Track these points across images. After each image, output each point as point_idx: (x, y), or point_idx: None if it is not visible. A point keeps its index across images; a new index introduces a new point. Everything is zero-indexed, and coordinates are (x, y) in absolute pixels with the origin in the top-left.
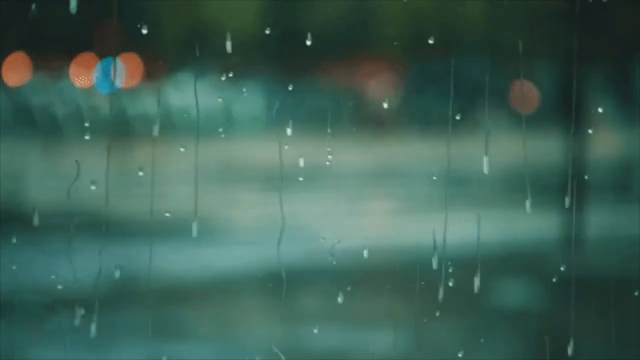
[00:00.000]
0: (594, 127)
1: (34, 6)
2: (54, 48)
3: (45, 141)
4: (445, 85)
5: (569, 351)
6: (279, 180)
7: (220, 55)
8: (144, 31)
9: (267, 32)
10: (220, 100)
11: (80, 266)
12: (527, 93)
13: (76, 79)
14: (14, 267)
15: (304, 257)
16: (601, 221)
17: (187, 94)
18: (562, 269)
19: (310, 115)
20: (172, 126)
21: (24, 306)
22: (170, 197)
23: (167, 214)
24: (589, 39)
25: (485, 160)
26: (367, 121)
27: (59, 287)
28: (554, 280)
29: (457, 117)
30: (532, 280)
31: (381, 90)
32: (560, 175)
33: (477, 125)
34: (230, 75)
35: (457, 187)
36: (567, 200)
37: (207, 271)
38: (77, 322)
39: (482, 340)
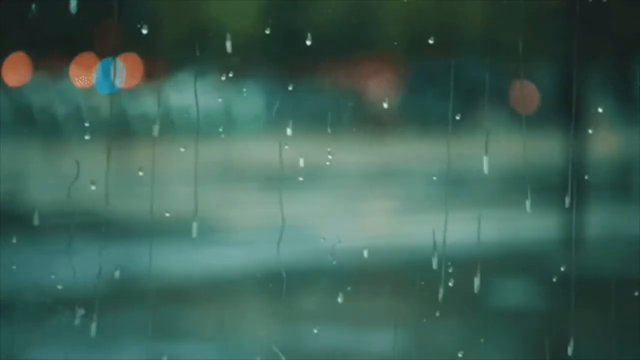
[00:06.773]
0: (594, 127)
1: (34, 6)
2: (54, 48)
3: (45, 141)
4: (445, 85)
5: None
6: (279, 180)
7: (220, 55)
8: (144, 31)
9: (267, 32)
10: (220, 100)
11: (80, 266)
12: (527, 93)
13: (76, 79)
14: (14, 267)
15: (304, 257)
16: (600, 221)
17: (187, 94)
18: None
19: (310, 115)
20: (172, 126)
21: (24, 306)
22: (170, 197)
23: (167, 214)
24: (589, 38)
25: (485, 159)
26: (367, 121)
27: (59, 287)
28: (554, 279)
29: (457, 117)
30: (533, 281)
31: (381, 90)
32: (560, 175)
33: (477, 125)
34: (230, 75)
35: (457, 187)
36: (567, 200)
37: (206, 271)
38: (77, 321)
39: (482, 340)
